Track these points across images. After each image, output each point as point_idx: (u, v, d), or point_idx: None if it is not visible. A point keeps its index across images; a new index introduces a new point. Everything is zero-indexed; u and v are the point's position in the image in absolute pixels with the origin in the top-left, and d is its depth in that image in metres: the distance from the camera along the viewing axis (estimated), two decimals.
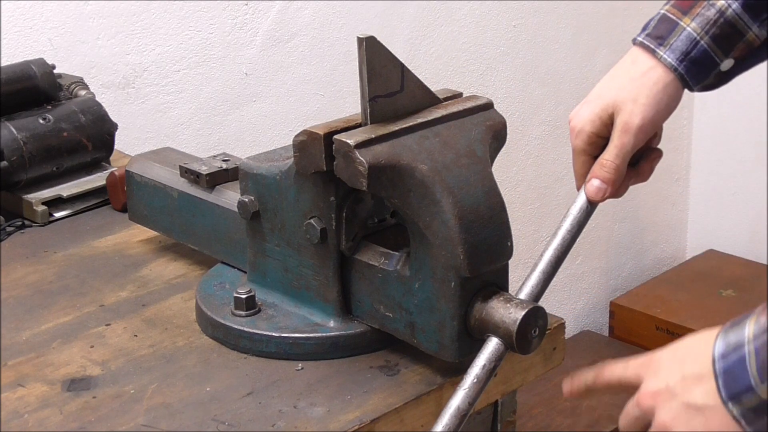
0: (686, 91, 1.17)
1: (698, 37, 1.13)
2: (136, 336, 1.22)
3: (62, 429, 1.05)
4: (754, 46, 1.15)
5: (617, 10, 2.89)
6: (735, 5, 1.13)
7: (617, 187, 1.15)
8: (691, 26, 1.13)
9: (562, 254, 1.11)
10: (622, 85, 1.14)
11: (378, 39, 1.07)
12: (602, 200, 1.15)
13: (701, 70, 1.14)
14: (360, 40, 1.06)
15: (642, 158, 1.19)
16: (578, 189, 1.18)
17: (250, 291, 1.19)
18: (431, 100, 1.14)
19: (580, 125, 1.16)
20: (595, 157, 1.16)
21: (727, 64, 1.15)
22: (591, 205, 1.15)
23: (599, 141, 1.16)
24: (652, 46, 1.14)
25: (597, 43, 2.87)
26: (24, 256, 1.43)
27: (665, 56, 1.13)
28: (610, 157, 1.14)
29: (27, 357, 1.18)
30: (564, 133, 2.95)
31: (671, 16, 1.15)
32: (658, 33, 1.14)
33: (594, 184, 1.15)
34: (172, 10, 2.04)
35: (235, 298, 1.19)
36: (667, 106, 1.14)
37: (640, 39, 1.16)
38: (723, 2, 1.13)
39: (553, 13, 2.75)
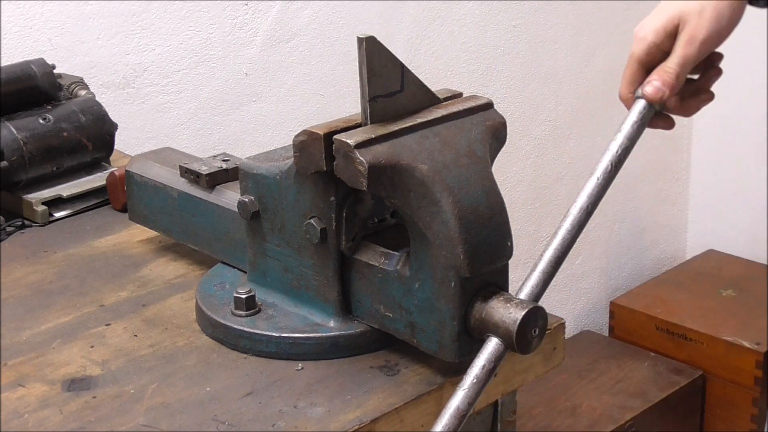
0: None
1: None
2: (136, 336, 1.22)
3: (62, 429, 1.05)
4: None
5: (617, 10, 2.89)
6: None
7: (672, 94, 1.16)
8: None
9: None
10: None
11: (378, 39, 1.07)
12: (660, 101, 1.15)
13: None
14: (360, 40, 1.06)
15: (702, 76, 1.20)
16: (621, 94, 1.18)
17: (250, 291, 1.19)
18: (431, 100, 1.14)
19: (643, 34, 1.18)
20: (649, 70, 1.18)
21: None
22: (644, 115, 1.15)
23: (658, 53, 1.18)
24: None
25: (597, 43, 2.87)
26: (24, 256, 1.43)
27: None
28: (672, 64, 1.15)
29: (27, 357, 1.18)
30: (564, 133, 2.97)
31: None
32: None
33: (655, 84, 1.15)
34: (172, 10, 2.04)
35: (235, 298, 1.19)
36: (730, 21, 1.16)
37: None
38: None
39: (553, 13, 2.75)
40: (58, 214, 1.54)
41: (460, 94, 1.17)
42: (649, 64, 1.18)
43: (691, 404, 2.78)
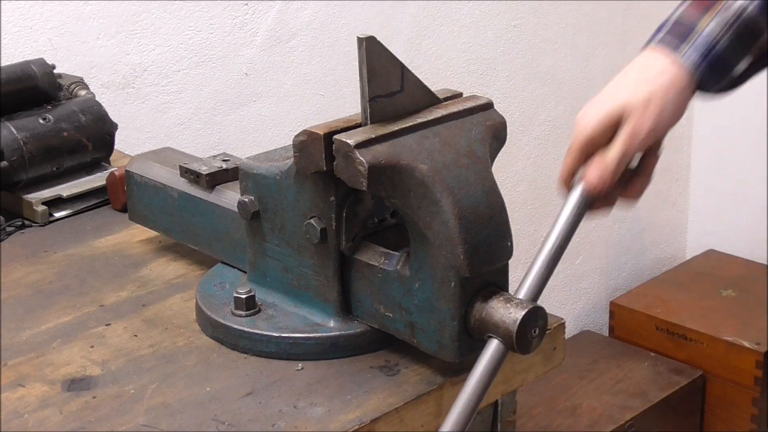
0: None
1: (718, 37, 1.11)
2: (136, 336, 1.22)
3: (62, 429, 1.05)
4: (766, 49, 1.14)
5: (617, 10, 2.89)
6: (752, 6, 1.11)
7: (611, 186, 1.13)
8: (710, 26, 1.11)
9: (558, 252, 1.10)
10: (635, 86, 1.12)
11: (378, 39, 1.07)
12: (597, 193, 1.12)
13: (720, 71, 1.12)
14: (360, 40, 1.06)
15: (641, 162, 1.17)
16: (562, 180, 1.15)
17: (250, 291, 1.19)
18: (431, 100, 1.14)
19: (585, 123, 1.13)
20: (589, 157, 1.14)
21: (743, 65, 1.14)
22: (583, 203, 1.13)
23: (601, 142, 1.14)
24: (673, 45, 1.12)
25: (597, 43, 2.87)
26: (24, 256, 1.43)
27: (688, 54, 1.11)
28: (612, 156, 1.12)
29: (27, 357, 1.18)
30: (564, 133, 2.96)
31: (689, 16, 1.13)
32: (678, 32, 1.12)
33: (593, 175, 1.12)
34: (172, 10, 2.04)
35: (235, 298, 1.19)
36: (674, 114, 1.12)
37: (658, 38, 1.13)
38: (741, 2, 1.12)
39: (553, 13, 2.75)
40: (58, 214, 1.54)
41: (460, 94, 1.17)
42: (590, 152, 1.14)
43: (691, 404, 2.78)
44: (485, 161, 1.11)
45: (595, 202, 1.14)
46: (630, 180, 1.17)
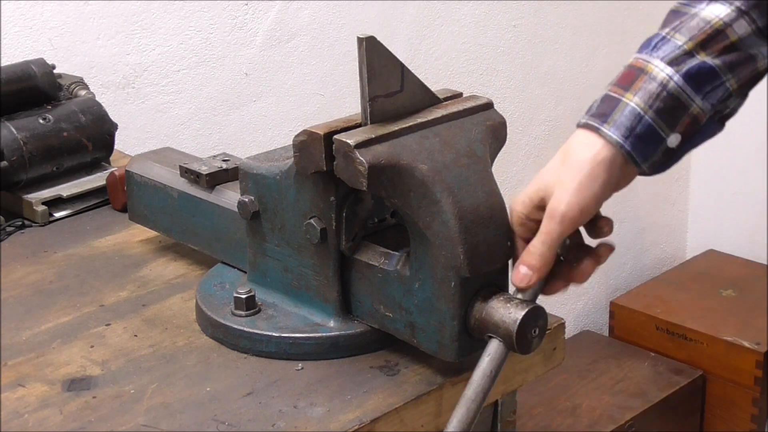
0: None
1: (642, 112, 1.07)
2: (136, 336, 1.22)
3: (62, 429, 1.05)
4: (700, 121, 1.09)
5: (617, 10, 2.89)
6: (676, 77, 1.07)
7: (544, 277, 1.09)
8: (634, 101, 1.07)
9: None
10: (557, 166, 1.08)
11: (378, 39, 1.07)
12: (529, 287, 1.08)
13: (648, 145, 1.08)
14: (360, 40, 1.06)
15: (582, 255, 1.11)
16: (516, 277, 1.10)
17: (250, 291, 1.19)
18: (431, 100, 1.14)
19: (513, 204, 1.10)
20: (528, 242, 1.10)
21: (674, 140, 1.09)
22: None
23: (533, 225, 1.09)
24: (596, 125, 1.08)
25: (597, 43, 2.87)
26: (24, 256, 1.43)
27: (610, 133, 1.07)
28: (536, 242, 1.08)
29: (27, 357, 1.18)
30: (564, 133, 2.96)
31: (613, 94, 1.09)
32: (602, 111, 1.08)
33: (521, 270, 1.08)
34: (172, 10, 2.04)
35: (235, 298, 1.19)
36: (599, 193, 1.07)
37: (583, 121, 1.10)
38: (664, 75, 1.08)
39: (553, 13, 2.75)
40: (58, 214, 1.54)
41: (460, 94, 1.17)
42: (526, 236, 1.10)
43: (691, 404, 2.78)
44: (485, 161, 1.11)
45: (539, 290, 1.10)
46: (579, 261, 1.11)
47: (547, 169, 1.09)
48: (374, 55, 1.07)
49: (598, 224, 1.11)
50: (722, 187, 3.20)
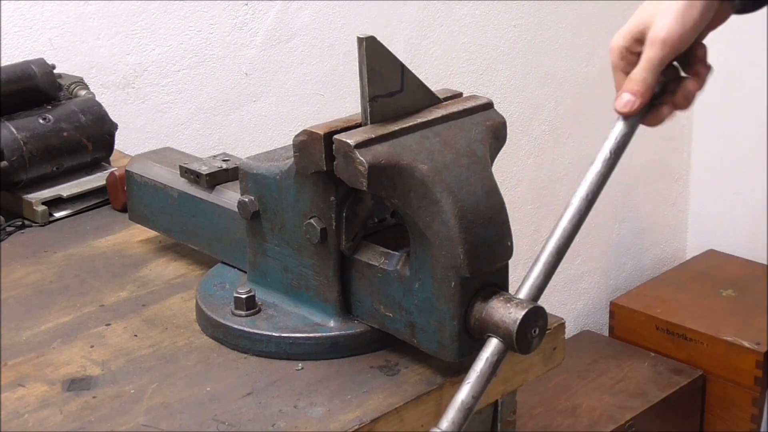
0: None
1: None
2: (136, 336, 1.22)
3: (62, 429, 1.05)
4: None
5: (617, 10, 2.89)
6: None
7: (646, 103, 1.14)
8: None
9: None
10: (653, 3, 1.14)
11: (378, 39, 1.07)
12: (633, 114, 1.14)
13: None
14: (360, 40, 1.06)
15: (679, 82, 1.18)
16: (615, 108, 1.18)
17: (250, 291, 1.19)
18: (431, 100, 1.14)
19: (614, 41, 1.17)
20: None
21: None
22: (627, 126, 1.14)
23: (632, 57, 1.16)
24: None
25: (597, 43, 2.87)
26: (24, 256, 1.43)
27: None
28: (638, 69, 1.14)
29: (27, 357, 1.18)
30: (564, 133, 2.97)
31: None
32: None
33: (623, 98, 1.14)
34: (172, 10, 2.04)
35: (235, 298, 1.19)
36: (698, 21, 1.13)
37: None
38: None
39: (553, 13, 2.75)
40: (58, 214, 1.54)
41: (460, 94, 1.17)
42: (627, 69, 1.17)
43: (691, 404, 2.78)
44: (485, 161, 1.11)
45: (639, 119, 1.16)
46: (680, 86, 1.17)
47: (644, 6, 1.16)
48: (374, 55, 1.07)
49: (696, 52, 1.17)
50: (722, 187, 3.20)
